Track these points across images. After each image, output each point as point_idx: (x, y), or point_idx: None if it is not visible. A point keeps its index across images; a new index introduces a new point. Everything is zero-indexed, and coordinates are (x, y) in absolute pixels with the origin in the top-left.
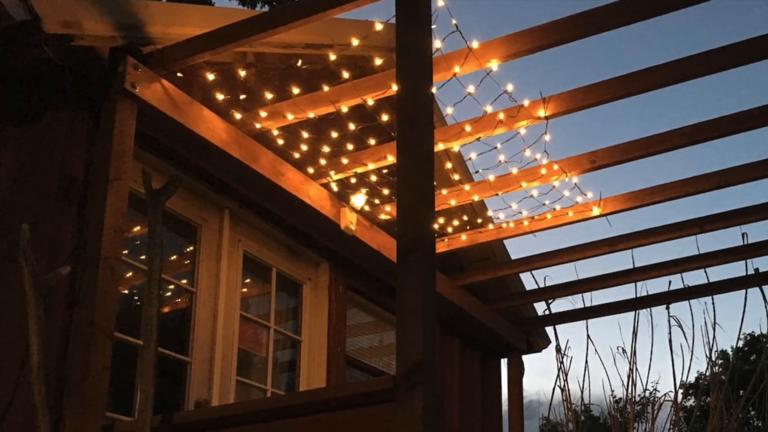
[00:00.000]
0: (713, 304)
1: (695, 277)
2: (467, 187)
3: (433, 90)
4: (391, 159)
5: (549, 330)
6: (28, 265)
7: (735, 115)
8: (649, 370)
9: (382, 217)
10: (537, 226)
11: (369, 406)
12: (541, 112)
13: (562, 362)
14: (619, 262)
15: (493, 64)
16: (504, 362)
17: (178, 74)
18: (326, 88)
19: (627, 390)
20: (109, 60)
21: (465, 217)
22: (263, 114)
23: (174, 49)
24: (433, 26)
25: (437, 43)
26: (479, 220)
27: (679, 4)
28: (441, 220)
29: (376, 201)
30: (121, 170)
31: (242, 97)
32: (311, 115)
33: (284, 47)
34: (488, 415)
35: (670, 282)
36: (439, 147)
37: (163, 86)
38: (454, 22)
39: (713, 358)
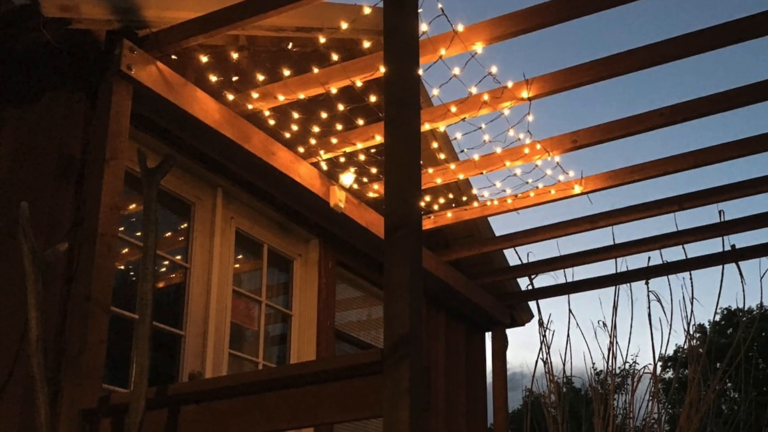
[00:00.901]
0: (691, 279)
1: (674, 253)
2: (453, 166)
3: (420, 72)
4: (379, 139)
5: (532, 304)
6: (27, 242)
7: (712, 96)
8: (629, 343)
9: (371, 195)
10: (520, 204)
11: (357, 378)
12: (524, 93)
13: (544, 336)
14: (599, 239)
15: (478, 47)
16: (488, 335)
17: (173, 57)
18: (316, 70)
19: (607, 363)
20: (106, 43)
21: (450, 195)
22: (255, 95)
23: (169, 33)
24: (420, 10)
25: (423, 27)
26: (464, 198)
27: None
28: (427, 198)
29: (365, 179)
30: (118, 150)
31: (235, 78)
32: (301, 96)
33: (275, 30)
34: (473, 387)
35: (649, 258)
36: (426, 127)
37: (158, 68)
38: (439, 6)
39: (691, 332)
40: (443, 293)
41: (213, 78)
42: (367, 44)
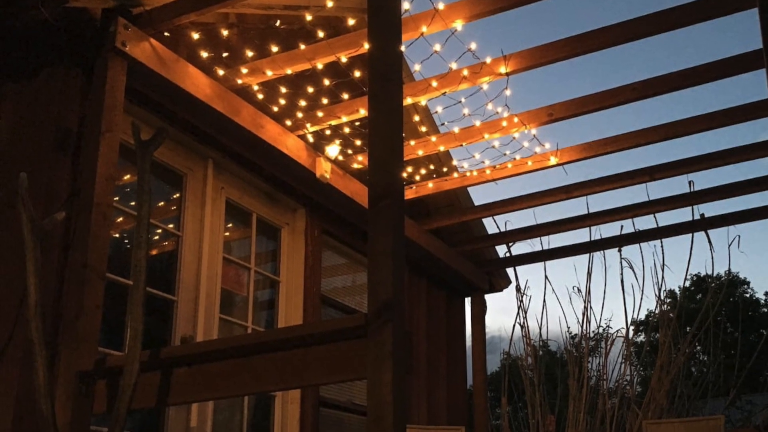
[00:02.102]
0: (662, 247)
1: (645, 222)
2: (434, 139)
3: (402, 48)
4: (363, 112)
5: (509, 271)
6: (26, 211)
7: (682, 71)
8: (602, 308)
9: (355, 166)
10: (498, 175)
11: (342, 341)
12: (502, 69)
13: (521, 301)
14: (574, 208)
15: (458, 24)
16: (468, 301)
17: (166, 34)
18: (303, 47)
19: (582, 327)
20: (102, 20)
21: (431, 166)
22: (244, 70)
23: (162, 10)
24: None
25: (405, 5)
26: (445, 169)
27: None
28: (409, 169)
29: (349, 151)
30: (113, 123)
31: (225, 54)
32: (289, 71)
33: (264, 8)
34: (453, 350)
35: (622, 226)
36: (408, 101)
37: (152, 45)
38: None
39: (662, 297)
40: (425, 260)
41: (204, 54)
42: (351, 22)
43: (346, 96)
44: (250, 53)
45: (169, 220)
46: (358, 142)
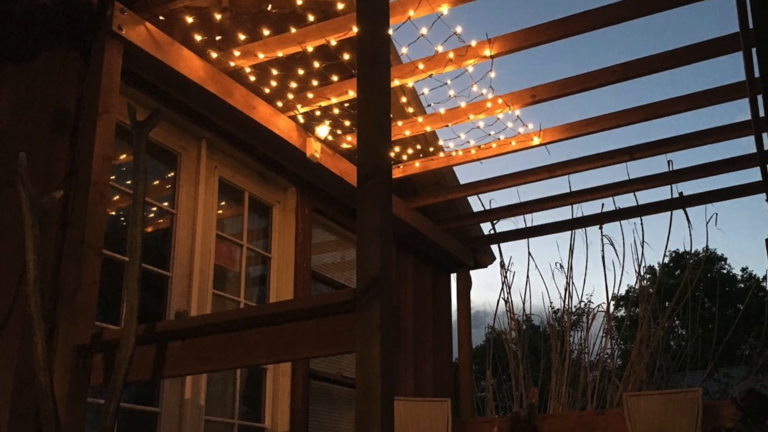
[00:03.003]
0: (642, 224)
1: (625, 200)
2: (420, 119)
3: (390, 31)
4: (352, 94)
5: (494, 248)
6: (25, 190)
7: (661, 54)
8: (584, 283)
9: (344, 146)
10: (483, 154)
11: (332, 316)
12: (487, 52)
13: (505, 277)
14: (557, 187)
15: (444, 8)
16: (453, 277)
17: (161, 18)
18: (293, 30)
19: (564, 302)
20: (98, 4)
21: (418, 146)
22: (237, 53)
23: None
24: None
25: None
26: (431, 149)
27: None
28: (397, 149)
29: (339, 131)
30: (109, 104)
31: (218, 38)
32: (280, 54)
33: None
34: (439, 325)
35: (602, 204)
36: (395, 83)
37: (147, 28)
38: None
39: (642, 273)
40: (412, 237)
41: (198, 37)
42: (341, 6)
43: (335, 78)
44: (242, 37)
45: (164, 198)
46: (347, 123)
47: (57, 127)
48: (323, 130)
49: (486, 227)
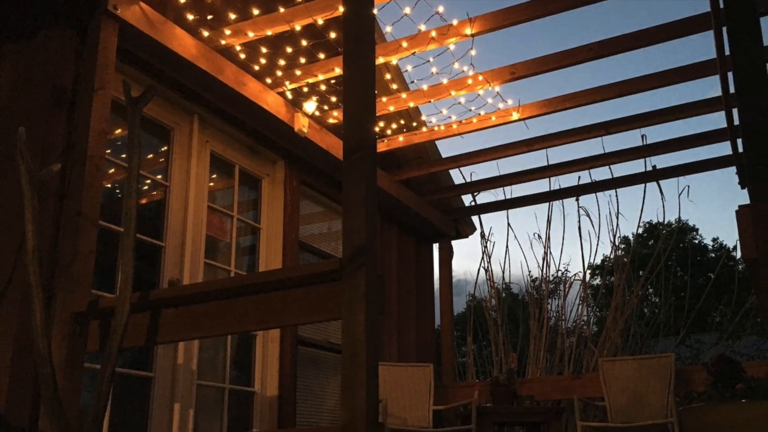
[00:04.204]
0: (617, 196)
1: (601, 173)
2: (404, 95)
3: (375, 11)
4: (338, 71)
5: (474, 219)
6: (24, 163)
7: (635, 33)
8: (561, 253)
9: (331, 121)
10: (464, 129)
11: (319, 284)
12: (468, 30)
13: (486, 247)
14: (535, 160)
15: None
16: (436, 246)
17: None
18: (282, 10)
19: (542, 271)
20: None
21: (402, 121)
22: (228, 32)
23: None
24: None
25: None
26: (414, 124)
27: None
28: (381, 124)
29: (325, 107)
30: (105, 81)
31: (209, 17)
32: (269, 32)
33: None
34: (422, 292)
35: (579, 177)
36: (380, 60)
37: (141, 8)
38: None
39: (616, 243)
40: (395, 209)
41: (190, 17)
42: None
43: (322, 56)
44: (232, 16)
45: (158, 171)
46: (333, 99)
47: (55, 103)
48: (310, 106)
49: (467, 199)
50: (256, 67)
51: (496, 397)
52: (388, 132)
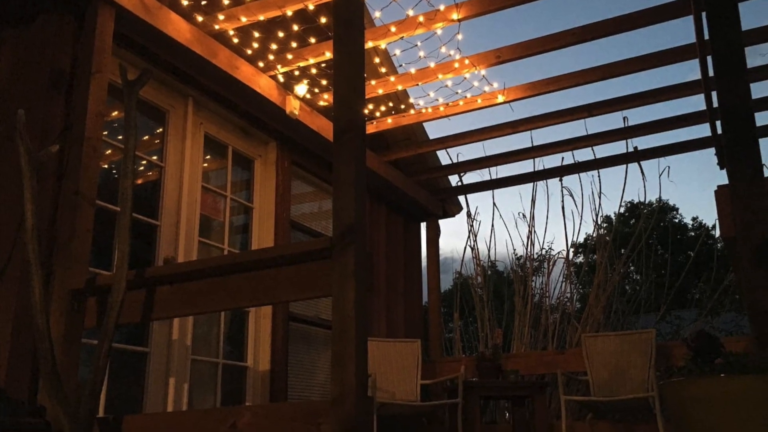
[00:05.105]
0: (599, 176)
1: (584, 154)
2: (392, 79)
3: None
4: (328, 55)
5: (461, 198)
6: (23, 144)
7: (617, 18)
8: (545, 232)
9: (321, 103)
10: (451, 111)
11: (310, 262)
12: (455, 15)
13: (472, 225)
14: (520, 142)
15: None
16: (423, 225)
17: None
18: None
19: (526, 249)
20: None
21: (390, 104)
22: (221, 17)
23: None
24: None
25: None
26: (402, 106)
27: None
28: (370, 106)
29: (316, 90)
30: (102, 64)
31: (203, 2)
32: (261, 18)
33: None
34: (410, 270)
35: (562, 158)
36: (369, 45)
37: None
38: None
39: (599, 222)
40: (384, 189)
41: (184, 2)
42: None
43: (313, 40)
44: (226, 1)
45: (153, 152)
46: (324, 82)
47: (53, 86)
48: (302, 89)
49: (453, 179)
50: (249, 52)
51: (482, 372)
52: (377, 114)
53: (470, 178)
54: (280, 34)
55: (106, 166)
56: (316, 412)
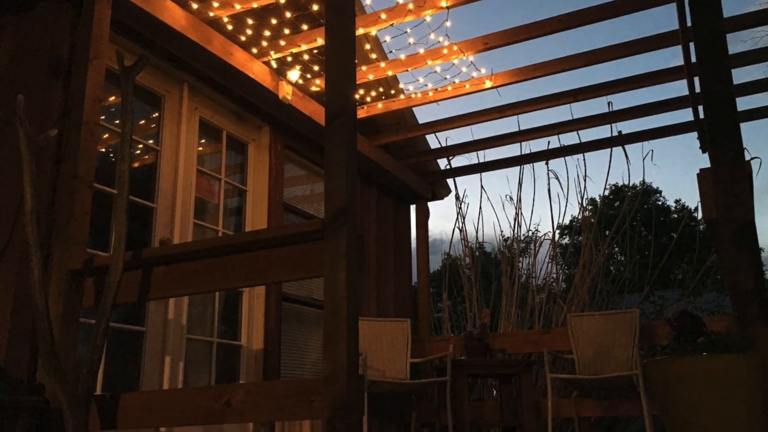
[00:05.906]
0: (584, 160)
1: (570, 138)
2: (383, 65)
3: None
4: (320, 41)
5: (450, 181)
6: (23, 129)
7: (602, 5)
8: (531, 214)
9: (313, 89)
10: (440, 96)
11: (302, 244)
12: (444, 3)
13: (460, 208)
14: (507, 126)
15: None
16: (413, 208)
17: None
18: None
19: (513, 231)
20: None
21: (381, 89)
22: (216, 4)
23: None
24: None
25: None
26: (392, 92)
27: None
28: (361, 91)
29: (308, 76)
30: (99, 50)
31: None
32: (255, 5)
33: None
34: (399, 251)
35: (548, 142)
36: (360, 31)
37: None
38: None
39: (584, 205)
40: (375, 172)
41: None
42: None
43: (305, 27)
44: None
45: (149, 136)
46: (316, 68)
47: (52, 72)
48: (294, 75)
49: (442, 163)
50: (243, 38)
51: (470, 351)
52: (368, 99)
53: (458, 161)
54: (274, 21)
55: (103, 150)
56: (309, 389)
